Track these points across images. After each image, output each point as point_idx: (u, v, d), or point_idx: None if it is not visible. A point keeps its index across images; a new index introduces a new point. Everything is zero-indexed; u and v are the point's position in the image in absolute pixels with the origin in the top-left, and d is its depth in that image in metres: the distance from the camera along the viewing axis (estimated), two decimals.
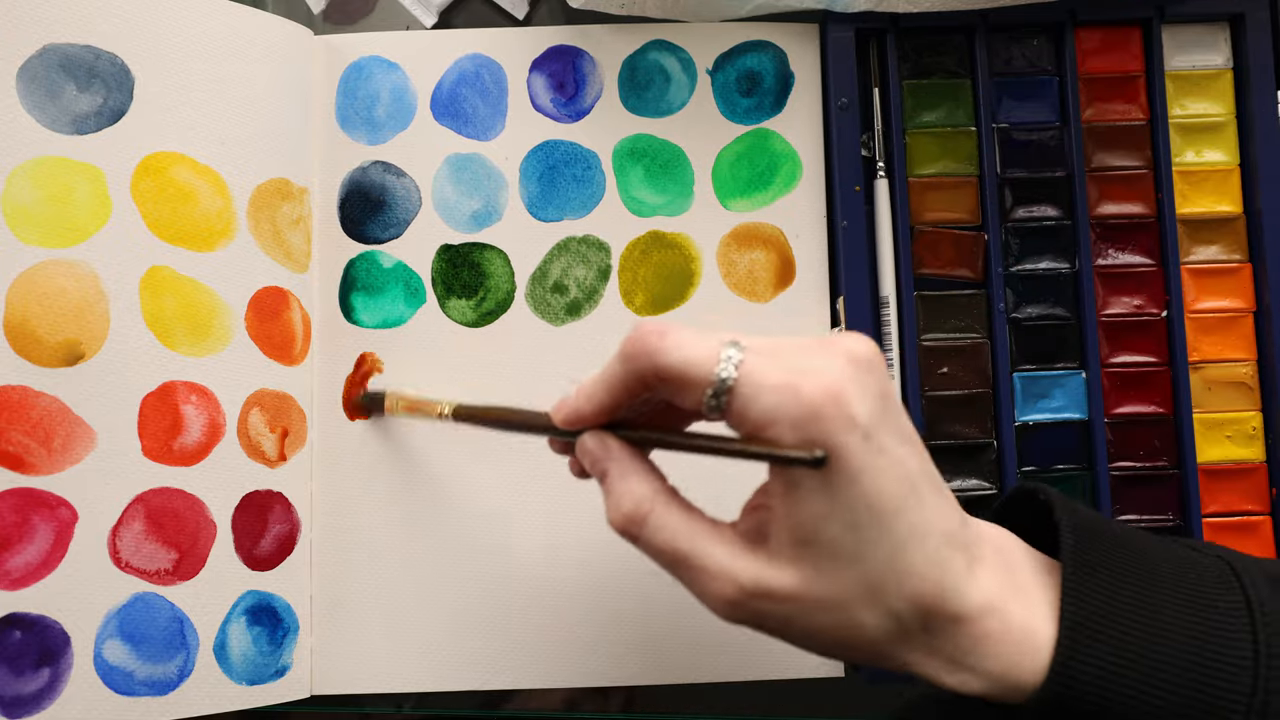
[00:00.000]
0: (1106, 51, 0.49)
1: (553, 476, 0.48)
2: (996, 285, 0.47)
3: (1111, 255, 0.48)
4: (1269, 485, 0.47)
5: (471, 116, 0.49)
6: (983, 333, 0.47)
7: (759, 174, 0.49)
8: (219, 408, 0.45)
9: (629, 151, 0.49)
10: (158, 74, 0.45)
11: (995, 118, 0.48)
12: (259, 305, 0.46)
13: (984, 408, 0.47)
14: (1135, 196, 0.48)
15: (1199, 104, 0.48)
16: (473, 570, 0.47)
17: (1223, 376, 0.47)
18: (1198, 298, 0.48)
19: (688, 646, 0.47)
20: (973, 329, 0.47)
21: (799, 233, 0.49)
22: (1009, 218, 0.48)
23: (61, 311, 0.43)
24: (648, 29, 0.49)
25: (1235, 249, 0.48)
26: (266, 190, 0.47)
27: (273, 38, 0.47)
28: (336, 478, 0.48)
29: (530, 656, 0.47)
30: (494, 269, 0.49)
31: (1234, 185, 0.48)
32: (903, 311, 0.47)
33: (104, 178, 0.44)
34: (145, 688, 0.43)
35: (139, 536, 0.43)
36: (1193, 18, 0.48)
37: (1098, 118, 0.48)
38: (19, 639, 0.41)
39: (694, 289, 0.49)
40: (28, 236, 0.42)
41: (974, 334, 0.47)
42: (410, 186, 0.49)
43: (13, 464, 0.42)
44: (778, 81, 0.49)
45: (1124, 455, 0.47)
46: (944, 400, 0.47)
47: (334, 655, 0.47)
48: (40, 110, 0.43)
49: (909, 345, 0.47)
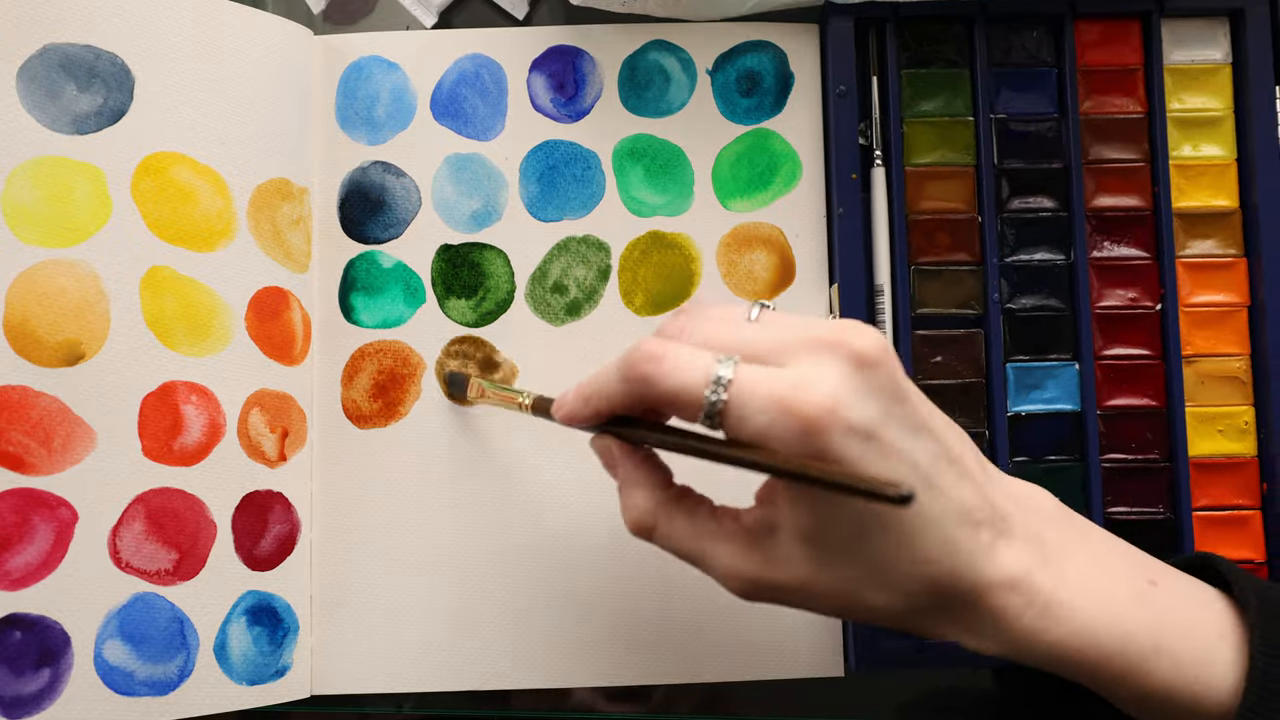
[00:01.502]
0: (1105, 44, 0.49)
1: (552, 477, 0.48)
2: (991, 275, 0.47)
3: (1107, 248, 0.48)
4: (1260, 480, 0.47)
5: (471, 116, 0.49)
6: (978, 316, 0.48)
7: (759, 174, 0.49)
8: (219, 408, 0.45)
9: (629, 151, 0.49)
10: (158, 74, 0.45)
11: (993, 108, 0.49)
12: (259, 305, 0.46)
13: (977, 397, 0.47)
14: (1132, 189, 0.48)
15: (1197, 98, 0.49)
16: (473, 570, 0.47)
17: (1216, 371, 0.47)
18: (1192, 291, 0.48)
19: (687, 646, 0.47)
20: (969, 305, 0.48)
21: (799, 233, 0.49)
22: (1005, 208, 0.48)
23: (61, 311, 0.43)
24: (648, 29, 0.50)
25: (1231, 243, 0.48)
26: (266, 190, 0.47)
27: (273, 38, 0.47)
28: (336, 478, 0.48)
29: (530, 656, 0.47)
30: (494, 269, 0.49)
31: (1231, 180, 0.48)
32: (897, 300, 0.47)
33: (104, 178, 0.44)
34: (145, 688, 0.43)
35: (139, 536, 0.43)
36: (1192, 12, 0.48)
37: (1096, 110, 0.49)
38: (19, 639, 0.41)
39: (694, 289, 0.49)
40: (28, 236, 0.42)
41: (969, 321, 0.48)
42: (410, 186, 0.49)
43: (13, 464, 0.42)
44: (778, 81, 0.49)
45: (1116, 447, 0.47)
46: (937, 389, 0.47)
47: (334, 655, 0.47)
48: (40, 110, 0.43)
49: (903, 333, 0.47)
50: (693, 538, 0.34)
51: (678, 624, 0.47)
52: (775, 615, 0.47)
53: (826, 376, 0.30)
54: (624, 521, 0.35)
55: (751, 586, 0.33)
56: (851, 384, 0.30)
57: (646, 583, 0.47)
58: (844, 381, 0.30)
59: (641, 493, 0.35)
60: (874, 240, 0.48)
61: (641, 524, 0.35)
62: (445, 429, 0.48)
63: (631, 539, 0.47)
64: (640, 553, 0.47)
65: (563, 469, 0.48)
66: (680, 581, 0.47)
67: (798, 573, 0.32)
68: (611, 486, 0.36)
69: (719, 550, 0.33)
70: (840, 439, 0.29)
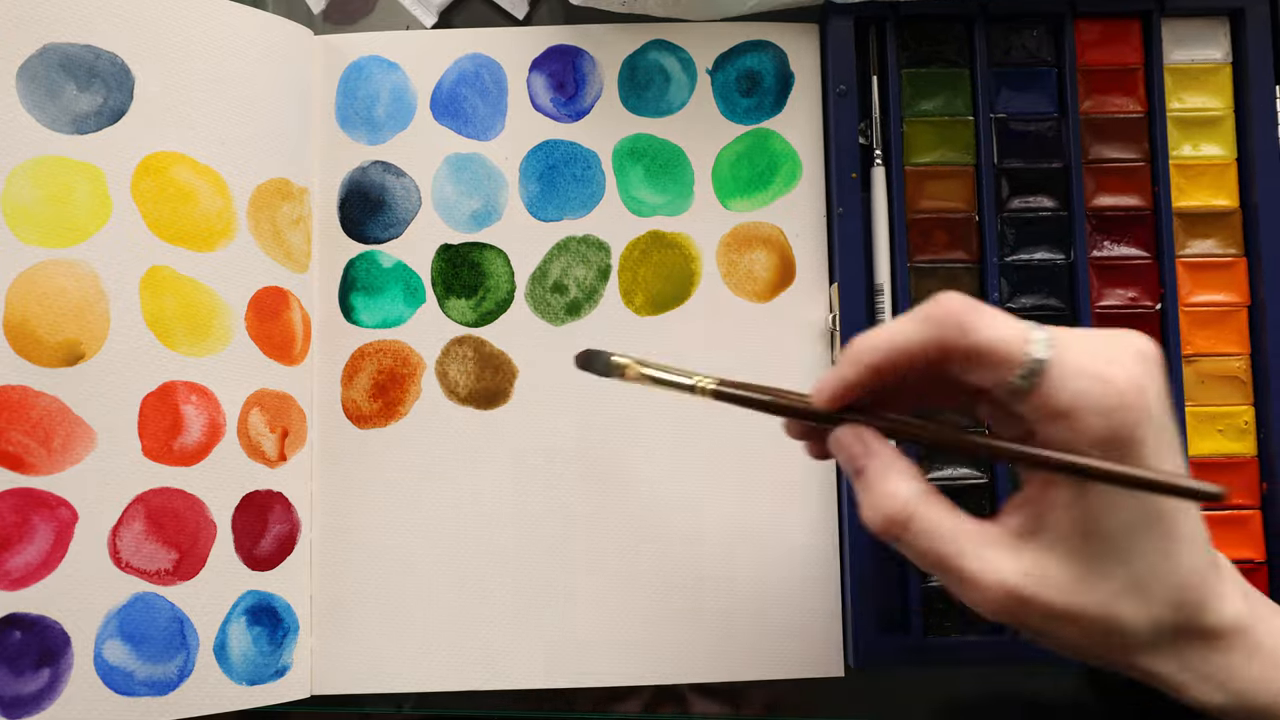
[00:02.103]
0: (1106, 44, 0.49)
1: (553, 477, 0.48)
2: (991, 274, 0.47)
3: (1107, 247, 0.48)
4: (1259, 480, 0.47)
5: (471, 116, 0.49)
6: None
7: (759, 174, 0.49)
8: (219, 408, 0.45)
9: (629, 151, 0.49)
10: (158, 74, 0.45)
11: (993, 108, 0.49)
12: (259, 305, 0.46)
13: None
14: (1132, 189, 0.48)
15: (1197, 98, 0.49)
16: (473, 570, 0.47)
17: (1216, 370, 0.47)
18: (1192, 291, 0.48)
19: (687, 646, 0.47)
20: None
21: (799, 233, 0.49)
22: (1005, 208, 0.48)
23: (61, 311, 0.43)
24: (648, 29, 0.50)
25: (1231, 243, 0.48)
26: (266, 190, 0.47)
27: (273, 38, 0.47)
28: (336, 478, 0.48)
29: (530, 656, 0.47)
30: (494, 269, 0.49)
31: (1231, 179, 0.48)
32: (897, 299, 0.47)
33: (104, 177, 0.44)
34: (145, 688, 0.43)
35: (139, 536, 0.43)
36: (1193, 11, 0.48)
37: (1096, 110, 0.49)
38: (19, 639, 0.41)
39: (694, 289, 0.49)
40: (28, 236, 0.42)
41: None
42: (410, 186, 0.49)
43: (13, 464, 0.42)
44: (778, 81, 0.49)
45: None
46: None
47: (334, 655, 0.47)
48: (40, 110, 0.43)
49: None
50: (953, 535, 0.31)
51: (678, 624, 0.47)
52: (775, 615, 0.47)
53: (1130, 359, 0.30)
54: (870, 516, 0.33)
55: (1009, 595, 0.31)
56: (1149, 374, 0.30)
57: (646, 583, 0.47)
58: (1142, 369, 0.30)
59: (901, 480, 0.32)
60: (874, 239, 0.48)
61: (899, 515, 0.32)
62: (445, 429, 0.48)
63: (631, 539, 0.47)
64: (640, 553, 0.47)
65: (564, 469, 0.48)
66: (680, 582, 0.47)
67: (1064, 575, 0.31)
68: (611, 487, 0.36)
69: (983, 550, 0.31)
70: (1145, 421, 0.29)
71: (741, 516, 0.47)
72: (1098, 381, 0.29)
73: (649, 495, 0.47)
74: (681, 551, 0.47)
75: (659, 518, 0.47)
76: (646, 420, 0.48)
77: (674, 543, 0.47)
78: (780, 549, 0.47)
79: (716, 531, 0.47)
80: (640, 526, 0.47)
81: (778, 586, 0.47)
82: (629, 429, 0.48)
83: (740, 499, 0.47)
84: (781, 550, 0.47)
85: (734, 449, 0.48)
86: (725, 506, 0.47)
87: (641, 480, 0.47)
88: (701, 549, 0.47)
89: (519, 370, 0.48)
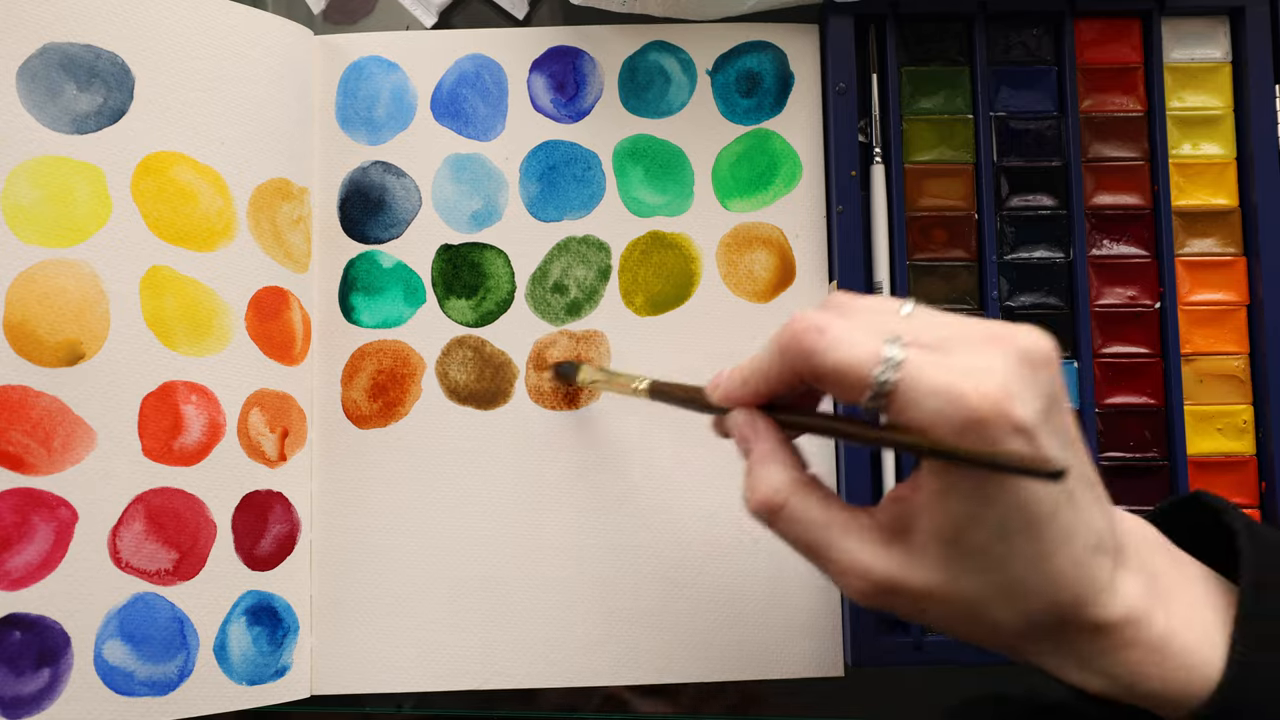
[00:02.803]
0: (1105, 42, 0.49)
1: (553, 476, 0.48)
2: (990, 273, 0.47)
3: (1106, 246, 0.48)
4: (1258, 478, 0.47)
5: (471, 117, 0.49)
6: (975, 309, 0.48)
7: (759, 174, 0.49)
8: (219, 408, 0.45)
9: (629, 152, 0.49)
10: (158, 74, 0.45)
11: (993, 106, 0.49)
12: (259, 305, 0.46)
13: None
14: (1131, 188, 0.48)
15: (1197, 97, 0.49)
16: (472, 570, 0.47)
17: (1215, 369, 0.47)
18: (1191, 290, 0.48)
19: (687, 646, 0.47)
20: (966, 301, 0.47)
21: (799, 233, 0.49)
22: (1004, 206, 0.48)
23: (61, 311, 0.43)
24: (648, 29, 0.50)
25: (1230, 242, 0.48)
26: (266, 190, 0.47)
27: (273, 38, 0.47)
28: (336, 478, 0.48)
29: (530, 656, 0.47)
30: (494, 269, 0.49)
31: (1230, 178, 0.48)
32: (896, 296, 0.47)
33: (104, 177, 0.44)
34: (145, 688, 0.43)
35: (139, 536, 0.43)
36: (1192, 10, 0.49)
37: (1095, 108, 0.49)
38: (19, 639, 0.41)
39: (694, 289, 0.49)
40: (28, 236, 0.42)
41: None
42: (410, 186, 0.49)
43: (13, 464, 0.42)
44: (777, 82, 0.49)
45: (1114, 445, 0.47)
46: None
47: (334, 655, 0.47)
48: (40, 110, 0.43)
49: None
50: (822, 524, 0.32)
51: (678, 624, 0.47)
52: (775, 615, 0.47)
53: (995, 369, 0.29)
54: (749, 498, 0.34)
55: (875, 587, 0.31)
56: (1020, 380, 0.29)
57: (645, 583, 0.47)
58: (1012, 377, 0.29)
59: (777, 468, 0.33)
60: (873, 237, 0.48)
61: (772, 500, 0.33)
62: (445, 429, 0.48)
63: (631, 539, 0.47)
64: (639, 553, 0.47)
65: (564, 469, 0.48)
66: (680, 582, 0.47)
67: (930, 578, 0.31)
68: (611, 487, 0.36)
69: (849, 542, 0.32)
70: (1004, 434, 0.28)
71: (742, 516, 0.47)
72: (948, 401, 0.28)
73: (649, 495, 0.47)
74: (682, 551, 0.47)
75: (659, 517, 0.47)
76: (647, 420, 0.48)
77: (674, 542, 0.47)
78: (780, 549, 0.47)
79: (717, 531, 0.47)
80: (640, 526, 0.47)
81: (778, 586, 0.47)
82: (629, 429, 0.48)
83: (741, 499, 0.47)
84: (782, 550, 0.47)
85: (734, 449, 0.48)
86: (725, 506, 0.47)
87: (641, 480, 0.47)
88: (702, 548, 0.47)
89: (519, 371, 0.48)
